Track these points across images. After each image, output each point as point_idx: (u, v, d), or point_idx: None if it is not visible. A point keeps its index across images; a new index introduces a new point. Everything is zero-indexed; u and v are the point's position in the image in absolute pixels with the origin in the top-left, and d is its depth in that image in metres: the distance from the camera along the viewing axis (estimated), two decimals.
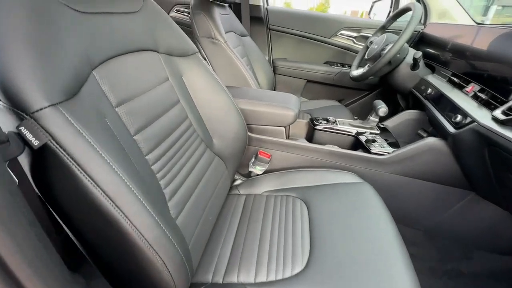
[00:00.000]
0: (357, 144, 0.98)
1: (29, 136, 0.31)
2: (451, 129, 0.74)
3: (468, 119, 0.70)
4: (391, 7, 1.56)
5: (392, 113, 1.63)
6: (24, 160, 0.35)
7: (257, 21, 1.60)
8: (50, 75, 0.34)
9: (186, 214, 0.57)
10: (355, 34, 1.56)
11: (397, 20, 1.27)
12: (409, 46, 1.47)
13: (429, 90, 0.99)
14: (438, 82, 0.99)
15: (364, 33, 1.55)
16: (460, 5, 1.34)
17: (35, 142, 0.31)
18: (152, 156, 0.53)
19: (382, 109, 0.93)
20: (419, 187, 0.89)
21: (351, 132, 1.00)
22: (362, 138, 0.96)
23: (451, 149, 0.79)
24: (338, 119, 1.08)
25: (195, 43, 1.13)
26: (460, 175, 0.82)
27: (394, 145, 0.96)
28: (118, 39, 0.51)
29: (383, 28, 1.31)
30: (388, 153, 0.88)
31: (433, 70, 1.13)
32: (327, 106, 1.52)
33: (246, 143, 0.87)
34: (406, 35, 1.00)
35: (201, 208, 0.64)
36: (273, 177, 0.90)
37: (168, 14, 1.69)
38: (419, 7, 1.03)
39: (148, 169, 0.51)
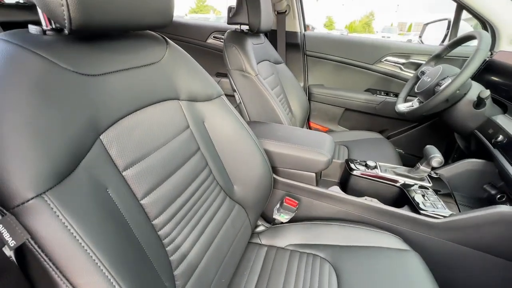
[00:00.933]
0: (402, 198, 0.82)
1: (6, 235, 0.28)
2: None
3: None
4: (448, 29, 1.37)
5: (446, 152, 1.42)
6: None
7: (293, 47, 1.54)
8: (42, 158, 0.31)
9: (194, 282, 0.50)
10: (403, 61, 1.40)
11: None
12: (472, 77, 1.27)
13: (500, 137, 0.80)
14: None
15: (413, 59, 1.38)
16: None
17: (11, 243, 0.28)
18: (160, 220, 0.48)
19: (437, 159, 0.77)
20: (482, 262, 0.71)
21: (396, 183, 0.85)
22: (410, 192, 0.80)
23: None
24: (380, 163, 0.94)
25: (228, 75, 1.11)
26: None
27: (449, 200, 0.79)
28: (134, 95, 0.49)
29: (438, 57, 1.14)
30: (443, 216, 0.72)
31: (504, 109, 0.93)
32: (367, 139, 1.37)
33: (271, 190, 0.80)
34: (469, 71, 0.84)
35: (213, 271, 0.57)
36: (299, 229, 0.80)
37: (205, 41, 1.74)
38: (486, 37, 0.86)
39: (153, 238, 0.46)
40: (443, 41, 1.38)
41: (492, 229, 0.66)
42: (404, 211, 0.76)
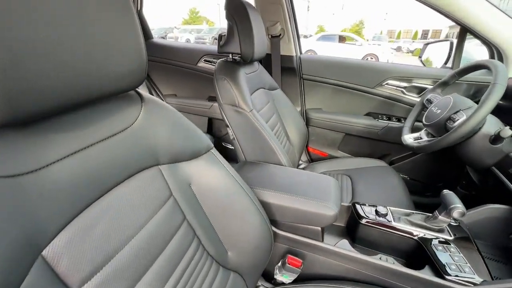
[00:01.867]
0: (421, 254, 0.72)
1: None
2: None
3: None
4: (450, 50, 1.31)
5: (454, 179, 1.33)
6: None
7: (289, 72, 1.46)
8: None
9: None
10: (405, 84, 1.33)
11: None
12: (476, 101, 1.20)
13: None
14: None
15: (416, 83, 1.30)
16: None
17: None
18: None
19: (459, 210, 0.67)
20: None
21: (412, 234, 0.75)
22: (430, 249, 0.70)
23: None
24: (392, 209, 0.84)
25: (219, 108, 1.01)
26: None
27: (473, 254, 0.69)
28: (96, 179, 0.38)
29: (445, 84, 1.06)
30: (474, 284, 0.61)
31: None
32: (370, 168, 1.28)
33: (271, 252, 0.69)
34: (487, 109, 0.76)
35: None
36: None
37: (196, 64, 1.65)
38: (503, 69, 0.79)
39: None
40: (445, 63, 1.32)
41: None
42: (426, 275, 0.65)
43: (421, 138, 1.03)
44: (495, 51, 1.12)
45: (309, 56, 1.47)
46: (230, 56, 1.05)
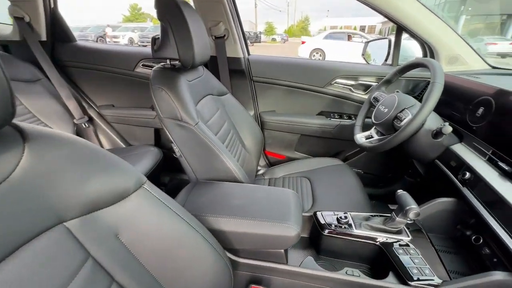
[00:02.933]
0: (384, 259, 0.71)
1: None
2: None
3: None
4: (389, 48, 1.37)
5: (401, 169, 1.42)
6: None
7: (238, 74, 1.37)
8: None
9: None
10: (352, 82, 1.35)
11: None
12: (416, 96, 1.27)
13: (468, 175, 0.75)
14: (478, 162, 0.76)
15: (362, 80, 1.34)
16: (471, 47, 1.16)
17: None
18: None
19: (414, 212, 0.67)
20: None
21: (374, 240, 0.74)
22: (392, 254, 0.70)
23: None
24: (351, 213, 0.82)
25: (160, 123, 0.88)
26: None
27: (428, 247, 0.71)
28: None
29: (389, 82, 1.10)
30: (434, 286, 0.62)
31: (460, 137, 0.91)
32: (327, 167, 1.28)
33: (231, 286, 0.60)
34: (429, 107, 0.78)
35: None
36: None
37: (133, 70, 1.46)
38: (440, 68, 0.82)
39: None
40: (386, 60, 1.38)
41: None
42: (391, 283, 0.64)
43: (372, 137, 1.05)
44: (427, 48, 1.19)
45: (257, 57, 1.41)
46: (168, 62, 0.92)
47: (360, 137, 1.07)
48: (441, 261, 0.70)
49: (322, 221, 0.79)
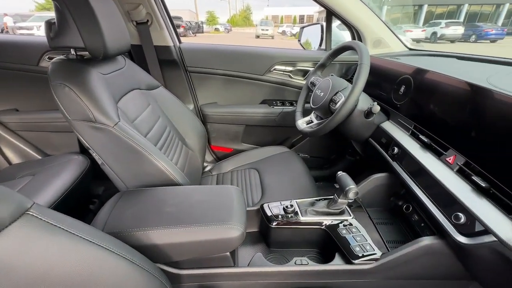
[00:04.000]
0: (330, 240, 0.72)
1: None
2: (456, 235, 0.54)
3: (479, 226, 0.50)
4: (322, 32, 1.40)
5: (342, 150, 1.50)
6: None
7: (170, 65, 1.24)
8: None
9: None
10: (290, 68, 1.35)
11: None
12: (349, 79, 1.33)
13: (396, 150, 0.81)
14: (403, 137, 0.81)
15: (300, 66, 1.34)
16: (392, 31, 1.25)
17: None
18: None
19: (353, 191, 0.69)
20: (411, 287, 0.69)
21: (320, 224, 0.75)
22: (337, 236, 0.71)
23: (453, 251, 0.59)
24: (297, 201, 0.81)
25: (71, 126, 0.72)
26: (462, 270, 0.63)
27: (369, 223, 0.75)
28: None
29: (323, 66, 1.11)
30: (375, 260, 0.65)
31: (388, 115, 0.97)
32: (274, 156, 1.27)
33: None
34: (359, 88, 0.80)
35: None
36: None
37: (37, 65, 1.20)
38: (365, 49, 0.85)
39: None
40: (320, 45, 1.41)
41: (420, 260, 0.63)
42: (337, 265, 0.65)
43: (312, 122, 1.06)
44: (355, 32, 1.25)
45: (190, 46, 1.29)
46: (73, 51, 0.76)
47: (301, 123, 1.07)
48: (379, 234, 0.75)
49: (269, 213, 0.77)
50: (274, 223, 0.74)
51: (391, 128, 0.89)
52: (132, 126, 0.76)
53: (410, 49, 1.27)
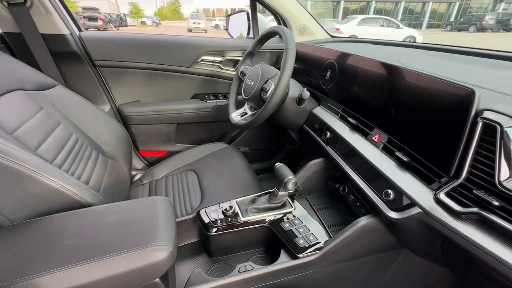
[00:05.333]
0: (275, 237, 0.68)
1: None
2: (388, 211, 0.55)
3: (406, 199, 0.52)
4: (249, 21, 1.35)
5: (281, 139, 1.51)
6: None
7: (70, 58, 1.01)
8: None
9: None
10: (219, 59, 1.26)
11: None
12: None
13: (328, 134, 0.81)
14: (333, 121, 0.82)
15: (229, 56, 1.27)
16: (316, 20, 1.28)
17: None
18: None
19: (292, 182, 0.66)
20: (356, 266, 0.71)
21: (263, 222, 0.70)
22: (280, 231, 0.67)
23: (387, 226, 0.61)
24: (237, 200, 0.75)
25: None
26: (395, 241, 0.67)
27: (311, 212, 0.74)
28: None
29: (252, 54, 1.06)
30: (319, 249, 0.63)
31: (318, 100, 0.98)
32: (213, 153, 1.18)
33: None
34: (288, 73, 0.77)
35: None
36: None
37: None
38: (290, 34, 0.82)
39: None
40: (248, 33, 1.36)
41: (359, 240, 0.63)
42: (283, 264, 0.61)
43: (246, 113, 1.00)
44: (281, 20, 1.23)
45: (94, 35, 1.07)
46: None
47: (235, 116, 1.00)
48: (320, 220, 0.74)
49: (207, 220, 0.68)
50: (213, 230, 0.66)
51: (322, 113, 0.90)
52: (9, 139, 0.57)
53: (333, 36, 1.33)
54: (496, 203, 0.39)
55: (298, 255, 0.61)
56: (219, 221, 0.68)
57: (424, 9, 22.14)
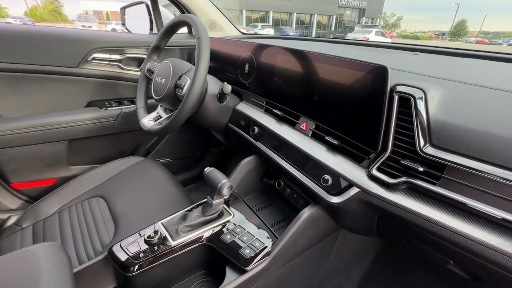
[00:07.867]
0: (215, 253, 0.58)
1: None
2: (328, 197, 0.54)
3: (344, 182, 0.51)
4: (149, 14, 1.18)
5: (205, 144, 1.39)
6: None
7: None
8: None
9: None
10: (118, 57, 1.05)
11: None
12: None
13: (256, 129, 0.76)
14: (259, 115, 0.79)
15: (131, 53, 1.07)
16: (225, 16, 1.23)
17: None
18: None
19: (226, 187, 0.57)
20: (302, 261, 0.69)
21: (200, 240, 0.58)
22: (222, 246, 0.57)
23: (328, 212, 0.61)
24: (165, 223, 0.61)
25: None
26: (335, 225, 0.68)
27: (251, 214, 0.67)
28: None
29: (158, 49, 0.91)
30: (268, 254, 0.57)
31: (240, 96, 0.92)
32: (125, 170, 0.97)
33: None
34: (205, 65, 0.68)
35: None
36: None
37: None
38: (200, 22, 0.73)
39: None
40: (151, 29, 1.19)
41: (305, 233, 0.60)
42: (232, 283, 0.52)
43: (160, 117, 0.85)
44: (184, 10, 1.13)
45: None
46: None
47: (147, 121, 0.84)
48: (262, 221, 0.68)
49: (124, 258, 0.52)
50: (134, 269, 0.51)
51: (247, 109, 0.85)
52: None
53: (243, 33, 1.31)
54: (421, 169, 0.42)
55: (246, 268, 0.53)
56: (141, 254, 0.52)
57: (311, 20, 26.04)
